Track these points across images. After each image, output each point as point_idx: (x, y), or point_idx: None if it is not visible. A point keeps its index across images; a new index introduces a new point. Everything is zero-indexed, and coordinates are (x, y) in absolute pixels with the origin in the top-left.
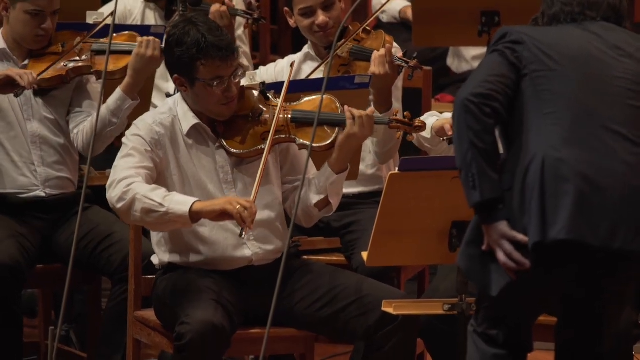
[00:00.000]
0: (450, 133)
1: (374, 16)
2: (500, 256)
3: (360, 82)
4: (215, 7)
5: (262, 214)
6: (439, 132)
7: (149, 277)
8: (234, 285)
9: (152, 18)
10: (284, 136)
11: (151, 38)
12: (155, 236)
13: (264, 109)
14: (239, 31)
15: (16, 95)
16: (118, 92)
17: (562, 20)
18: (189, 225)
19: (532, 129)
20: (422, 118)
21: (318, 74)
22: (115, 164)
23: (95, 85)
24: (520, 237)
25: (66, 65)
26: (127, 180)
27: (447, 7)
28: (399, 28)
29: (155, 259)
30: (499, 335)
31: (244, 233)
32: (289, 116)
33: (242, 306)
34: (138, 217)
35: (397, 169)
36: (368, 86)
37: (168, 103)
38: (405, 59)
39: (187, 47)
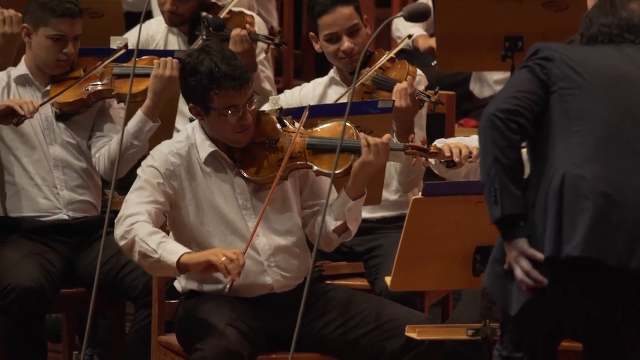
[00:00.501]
0: (447, 154)
1: (398, 48)
2: (518, 273)
3: (384, 107)
4: (236, 31)
5: (282, 240)
6: (439, 154)
7: (172, 301)
8: (255, 311)
9: (175, 43)
10: (300, 162)
11: (168, 59)
12: None
13: (281, 135)
14: (261, 56)
15: (16, 125)
16: (139, 115)
17: (600, 41)
18: (176, 274)
19: (558, 146)
20: (444, 140)
21: (342, 100)
22: (127, 197)
23: (117, 110)
24: (539, 255)
25: (87, 89)
26: (132, 218)
27: (471, 32)
28: (416, 52)
29: (178, 284)
30: (524, 358)
31: (227, 287)
32: (306, 142)
33: (263, 331)
34: (136, 259)
35: (420, 193)
36: (391, 111)
37: (186, 131)
38: (427, 93)
39: (200, 77)
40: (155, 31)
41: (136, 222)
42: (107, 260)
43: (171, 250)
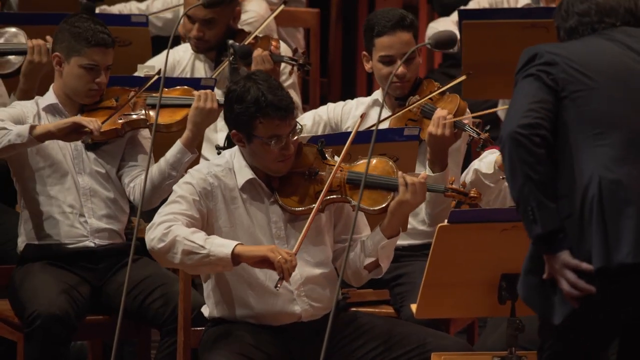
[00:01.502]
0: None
1: (453, 83)
2: (564, 285)
3: (409, 135)
4: (257, 52)
5: (314, 271)
6: (503, 166)
7: (198, 329)
8: (280, 340)
9: (201, 69)
10: (339, 196)
11: (208, 91)
12: (206, 288)
13: (321, 167)
14: (289, 81)
15: (84, 142)
16: (178, 146)
17: (582, 32)
18: (229, 268)
19: (582, 150)
20: (482, 156)
21: (385, 124)
22: (159, 210)
23: (148, 139)
24: (584, 265)
25: (121, 119)
26: (167, 223)
27: (497, 59)
28: None
29: (205, 310)
30: None
31: (279, 285)
32: (345, 177)
33: (287, 358)
34: (177, 259)
35: (446, 221)
36: (417, 138)
37: (225, 156)
38: (477, 129)
39: (246, 105)
40: (181, 57)
41: (172, 225)
42: (133, 287)
43: (221, 243)
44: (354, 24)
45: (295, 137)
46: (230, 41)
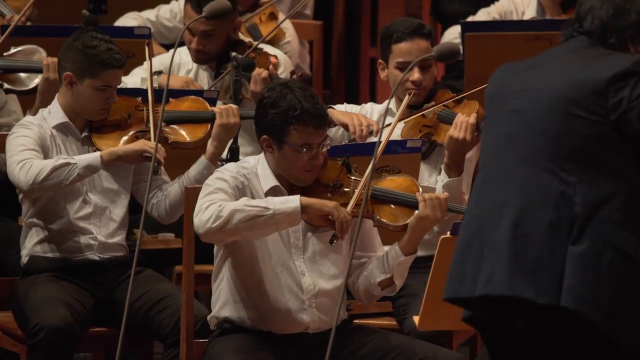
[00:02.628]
0: None
1: (469, 92)
2: None
3: (412, 147)
4: (257, 71)
5: (326, 284)
6: None
7: (201, 340)
8: (284, 350)
9: (203, 77)
10: (364, 211)
11: (229, 106)
12: (216, 288)
13: (346, 181)
14: None
15: (155, 174)
16: (204, 162)
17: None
18: (296, 222)
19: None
20: None
21: (396, 130)
22: (199, 201)
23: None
24: None
25: (137, 137)
26: (216, 202)
27: None
28: None
29: (212, 320)
30: None
31: (335, 241)
32: (370, 192)
33: None
34: (239, 229)
35: (449, 232)
36: (420, 150)
37: (250, 161)
38: None
39: (282, 110)
40: (185, 60)
41: (222, 202)
42: (136, 299)
43: (282, 200)
44: (357, 36)
45: (325, 149)
46: (234, 54)
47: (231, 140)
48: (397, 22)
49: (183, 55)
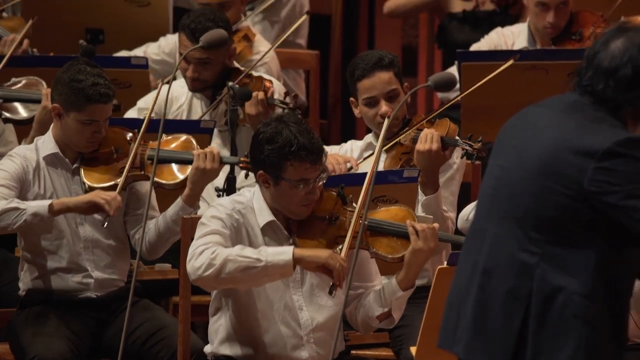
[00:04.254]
0: None
1: (439, 111)
2: None
3: (409, 177)
4: (255, 93)
5: (325, 316)
6: None
7: None
8: None
9: (198, 106)
10: (359, 243)
11: (209, 150)
12: (213, 323)
13: (342, 213)
14: None
15: (103, 225)
16: (179, 204)
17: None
18: (288, 275)
19: None
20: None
21: (380, 163)
22: (194, 243)
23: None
24: None
25: (121, 172)
26: (210, 248)
27: (497, 101)
28: None
29: (210, 355)
30: None
31: (334, 292)
32: (366, 224)
33: None
34: (231, 278)
35: (445, 263)
36: (416, 180)
37: (245, 195)
38: (468, 142)
39: (278, 147)
40: (179, 92)
41: (216, 249)
42: (133, 331)
43: (276, 252)
44: None
45: (321, 183)
46: (230, 83)
47: (228, 170)
48: (358, 58)
49: (177, 87)
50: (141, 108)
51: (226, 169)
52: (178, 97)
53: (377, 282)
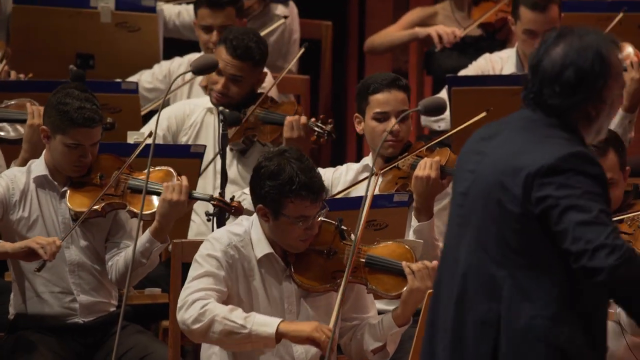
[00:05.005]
0: None
1: (440, 139)
2: None
3: (399, 201)
4: (293, 118)
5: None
6: None
7: None
8: None
9: (210, 123)
10: (356, 279)
11: (177, 183)
12: (205, 351)
13: (339, 248)
14: None
15: (38, 271)
16: (147, 235)
17: None
18: (271, 347)
19: None
20: None
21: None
22: (187, 285)
23: (130, 219)
24: None
25: (103, 199)
26: (202, 301)
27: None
28: None
29: None
30: None
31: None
32: (364, 260)
33: None
34: (215, 339)
35: None
36: (407, 204)
37: (243, 224)
38: None
39: (279, 184)
40: (192, 110)
41: (207, 303)
42: (121, 355)
43: (263, 322)
44: (344, 90)
45: (320, 218)
46: (221, 108)
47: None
48: (374, 75)
49: (191, 105)
50: (133, 135)
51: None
52: (190, 114)
53: (373, 314)
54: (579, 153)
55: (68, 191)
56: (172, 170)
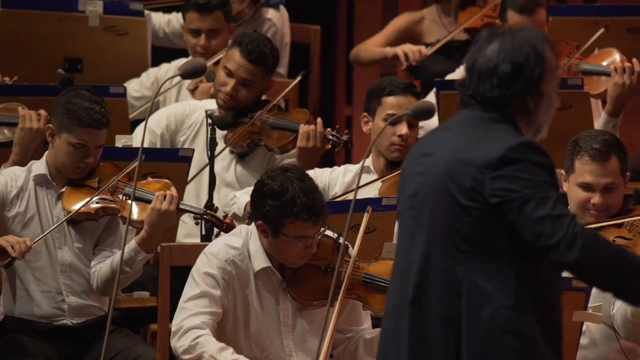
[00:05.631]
0: None
1: None
2: None
3: (388, 205)
4: (309, 127)
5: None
6: None
7: None
8: None
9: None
10: (353, 296)
11: (168, 192)
12: None
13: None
14: None
15: (6, 267)
16: (132, 244)
17: None
18: None
19: None
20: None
21: (374, 190)
22: (183, 304)
23: (123, 227)
24: None
25: (97, 204)
26: (195, 331)
27: None
28: None
29: None
30: None
31: None
32: (361, 278)
33: None
34: None
35: None
36: (396, 208)
37: (241, 235)
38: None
39: (281, 204)
40: (192, 110)
41: (200, 335)
42: (111, 358)
43: None
44: (332, 94)
45: (319, 237)
46: (209, 111)
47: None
48: (389, 77)
49: (191, 106)
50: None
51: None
52: (190, 115)
53: (367, 326)
54: (528, 143)
55: (66, 190)
56: (170, 182)
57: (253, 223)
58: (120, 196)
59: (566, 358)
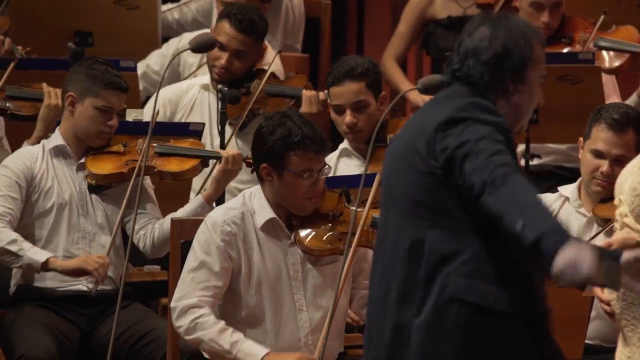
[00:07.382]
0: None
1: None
2: None
3: None
4: (311, 93)
5: (324, 317)
6: None
7: None
8: None
9: (206, 99)
10: (362, 242)
11: (236, 153)
12: None
13: (345, 210)
14: None
15: (92, 295)
16: (199, 200)
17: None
18: None
19: None
20: None
21: (360, 170)
22: (183, 277)
23: (151, 187)
24: None
25: (127, 164)
26: (193, 311)
27: None
28: None
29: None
30: None
31: None
32: (370, 222)
33: None
34: (204, 351)
35: None
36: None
37: (242, 197)
38: None
39: (282, 137)
40: (187, 89)
41: (199, 316)
42: (123, 332)
43: (249, 351)
44: None
45: (323, 176)
46: (220, 86)
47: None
48: (336, 63)
49: (187, 84)
50: (133, 113)
51: (205, 170)
52: (186, 92)
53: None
54: (477, 102)
55: (86, 160)
56: (198, 141)
57: (257, 186)
58: (151, 155)
59: (576, 333)
